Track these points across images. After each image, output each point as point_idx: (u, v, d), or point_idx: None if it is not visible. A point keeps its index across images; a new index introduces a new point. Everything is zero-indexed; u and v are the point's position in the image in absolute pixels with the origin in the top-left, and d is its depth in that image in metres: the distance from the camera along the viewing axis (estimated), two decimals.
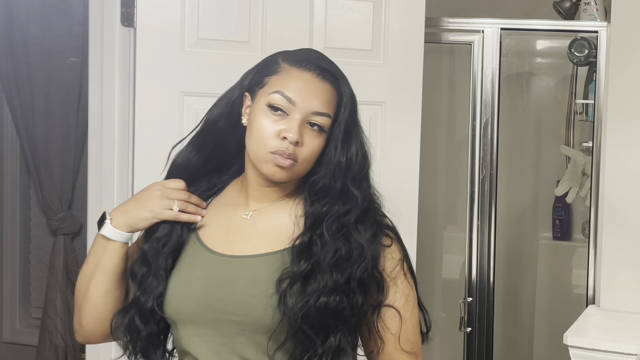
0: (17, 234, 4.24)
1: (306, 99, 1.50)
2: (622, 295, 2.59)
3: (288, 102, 1.50)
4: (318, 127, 1.50)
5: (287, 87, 1.51)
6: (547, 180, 3.52)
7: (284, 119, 1.50)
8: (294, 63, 1.54)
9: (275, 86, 1.52)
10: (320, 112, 1.50)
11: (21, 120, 3.92)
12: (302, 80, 1.52)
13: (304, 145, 1.50)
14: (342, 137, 1.52)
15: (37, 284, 4.18)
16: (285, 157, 1.49)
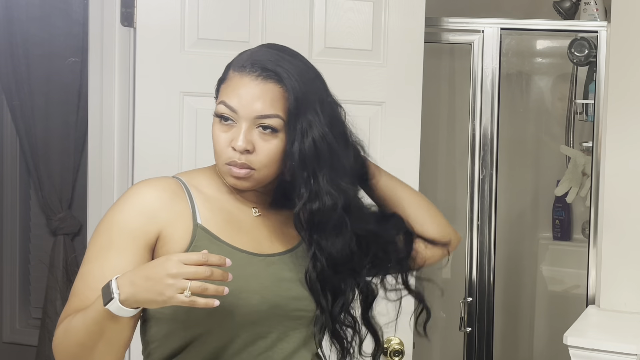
0: (17, 234, 4.24)
1: (247, 104, 1.46)
2: (622, 295, 2.59)
3: (231, 111, 1.47)
4: (270, 129, 1.47)
5: (229, 96, 1.48)
6: (547, 180, 3.52)
7: (233, 128, 1.47)
8: (237, 68, 1.49)
9: (222, 96, 1.50)
10: (265, 114, 1.46)
11: (21, 120, 3.91)
12: (241, 85, 1.47)
13: (258, 150, 1.47)
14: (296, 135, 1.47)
15: (37, 284, 4.18)
16: (238, 167, 1.47)
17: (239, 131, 1.46)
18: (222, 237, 1.50)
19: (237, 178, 1.48)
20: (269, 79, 1.47)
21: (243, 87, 1.47)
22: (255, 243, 1.54)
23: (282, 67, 1.49)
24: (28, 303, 4.27)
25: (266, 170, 1.49)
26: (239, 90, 1.47)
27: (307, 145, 1.46)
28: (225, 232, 1.52)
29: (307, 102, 1.48)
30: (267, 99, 1.46)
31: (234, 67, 1.51)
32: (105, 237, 1.47)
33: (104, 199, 2.48)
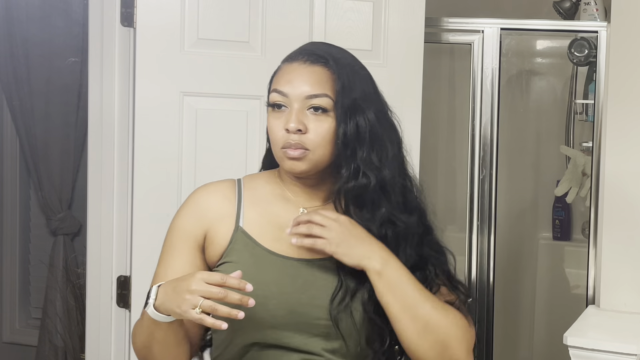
0: (17, 234, 4.24)
1: (297, 86, 1.51)
2: (622, 296, 2.59)
3: (283, 96, 1.52)
4: (321, 109, 1.50)
5: (280, 83, 1.53)
6: (547, 180, 3.52)
7: (285, 112, 1.51)
8: (287, 59, 1.57)
9: (273, 85, 1.55)
10: (315, 94, 1.50)
11: (21, 120, 3.91)
12: (291, 71, 1.53)
13: (310, 131, 1.50)
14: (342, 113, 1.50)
15: (37, 284, 4.18)
16: (293, 148, 1.50)
17: (291, 113, 1.50)
18: (260, 240, 1.54)
19: (292, 159, 1.51)
20: (316, 63, 1.53)
21: (292, 72, 1.53)
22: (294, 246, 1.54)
23: (328, 53, 1.55)
24: (28, 303, 4.27)
25: (320, 150, 1.51)
26: (289, 75, 1.53)
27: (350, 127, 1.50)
28: (266, 234, 1.55)
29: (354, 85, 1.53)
30: (315, 80, 1.51)
31: (283, 61, 1.58)
32: (168, 241, 1.60)
33: (104, 199, 2.48)
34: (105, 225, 2.47)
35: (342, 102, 1.50)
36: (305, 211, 1.56)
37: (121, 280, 2.45)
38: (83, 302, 3.22)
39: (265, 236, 1.55)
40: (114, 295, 2.46)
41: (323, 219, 1.49)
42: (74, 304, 3.89)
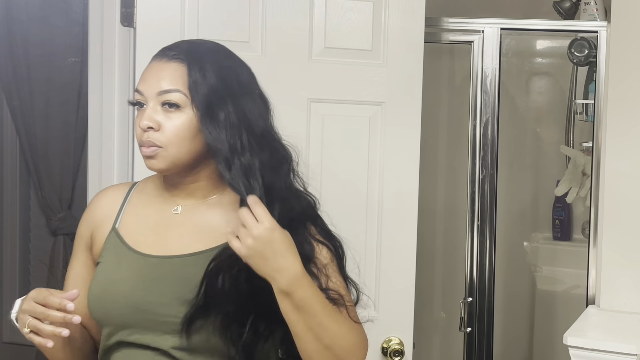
0: (17, 234, 4.24)
1: (151, 84, 1.50)
2: (622, 295, 2.59)
3: (140, 94, 1.51)
4: (175, 105, 1.48)
5: (139, 82, 1.53)
6: (547, 180, 3.52)
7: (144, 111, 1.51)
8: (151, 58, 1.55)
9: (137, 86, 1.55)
10: (166, 89, 1.49)
11: (21, 120, 3.91)
12: (148, 69, 1.53)
13: (163, 128, 1.48)
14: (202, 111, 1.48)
15: (37, 284, 4.18)
16: (146, 145, 1.49)
17: (145, 111, 1.50)
18: (127, 239, 1.56)
19: (148, 157, 1.51)
20: (172, 59, 1.51)
21: (149, 70, 1.53)
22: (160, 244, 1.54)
23: (189, 50, 1.52)
24: None
25: (174, 147, 1.49)
26: (146, 74, 1.53)
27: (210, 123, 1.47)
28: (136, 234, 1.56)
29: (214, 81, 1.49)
30: (168, 75, 1.50)
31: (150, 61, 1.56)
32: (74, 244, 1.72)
33: None
34: None
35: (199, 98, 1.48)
36: (181, 209, 1.56)
37: None
38: None
39: (134, 236, 1.56)
40: None
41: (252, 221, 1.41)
42: None
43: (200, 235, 1.53)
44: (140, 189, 1.63)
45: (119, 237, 1.57)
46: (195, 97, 1.48)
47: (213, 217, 1.54)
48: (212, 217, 1.54)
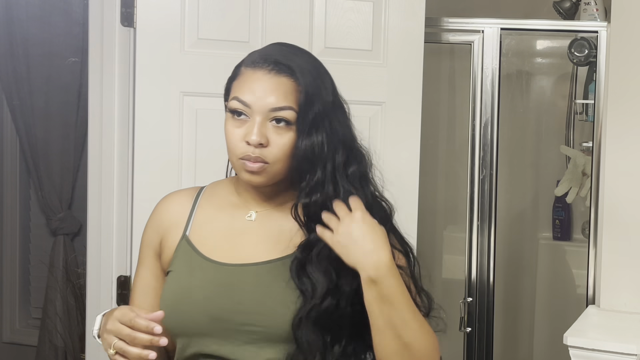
0: (17, 234, 4.24)
1: (261, 97, 1.46)
2: (622, 295, 2.59)
3: (244, 105, 1.47)
4: (284, 121, 1.46)
5: (242, 91, 1.48)
6: (547, 180, 3.52)
7: (246, 122, 1.47)
8: (250, 64, 1.50)
9: (234, 92, 1.50)
10: (279, 106, 1.46)
11: (21, 120, 3.92)
12: (255, 79, 1.48)
13: (272, 144, 1.46)
14: (307, 127, 1.46)
15: (37, 284, 4.18)
16: (252, 161, 1.46)
17: (253, 125, 1.46)
18: (200, 247, 1.54)
19: (251, 172, 1.47)
20: (281, 73, 1.47)
21: (256, 81, 1.48)
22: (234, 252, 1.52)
23: (294, 62, 1.49)
24: (28, 303, 4.27)
25: (280, 164, 1.48)
26: (252, 84, 1.48)
27: (314, 140, 1.46)
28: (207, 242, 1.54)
29: (318, 96, 1.48)
30: (280, 92, 1.46)
31: (245, 64, 1.52)
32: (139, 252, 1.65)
33: (104, 199, 2.48)
34: (105, 225, 2.47)
35: (305, 115, 1.46)
36: (255, 215, 1.55)
37: (121, 280, 2.45)
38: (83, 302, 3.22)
39: (206, 243, 1.54)
40: (114, 295, 2.46)
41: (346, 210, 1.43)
42: (74, 304, 3.89)
43: (275, 242, 1.52)
44: (210, 194, 1.60)
45: (190, 245, 1.54)
46: (302, 114, 1.46)
47: (287, 224, 1.53)
48: (286, 224, 1.53)
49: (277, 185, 1.54)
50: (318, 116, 1.47)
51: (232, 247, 1.53)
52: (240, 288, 1.48)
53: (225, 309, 1.47)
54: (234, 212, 1.56)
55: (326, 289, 1.45)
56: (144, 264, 1.62)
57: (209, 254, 1.53)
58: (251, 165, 1.46)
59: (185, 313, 1.49)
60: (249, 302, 1.47)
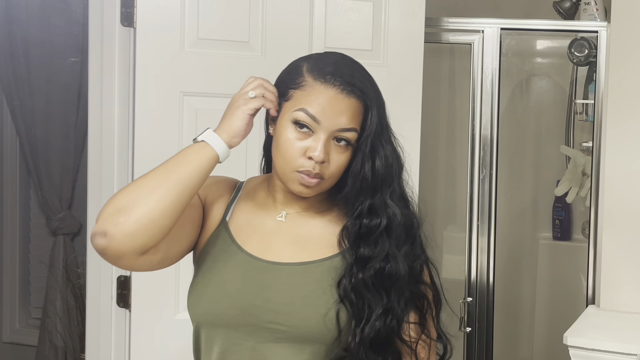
0: (17, 234, 4.24)
1: (331, 117, 1.47)
2: (622, 295, 2.59)
3: (313, 120, 1.47)
4: (345, 141, 1.49)
5: (312, 105, 1.48)
6: (547, 180, 3.52)
7: (310, 136, 1.48)
8: (319, 76, 1.50)
9: (300, 102, 1.49)
10: (347, 128, 1.48)
11: (21, 120, 3.92)
12: (326, 97, 1.48)
13: (331, 162, 1.49)
14: (369, 150, 1.49)
15: (37, 284, 4.18)
16: (311, 176, 1.48)
17: (318, 142, 1.47)
18: (236, 237, 1.55)
19: (306, 186, 1.49)
20: (352, 94, 1.49)
21: (327, 98, 1.48)
22: (266, 249, 1.54)
23: (363, 84, 1.52)
24: (28, 303, 4.27)
25: (332, 180, 1.51)
26: (322, 100, 1.48)
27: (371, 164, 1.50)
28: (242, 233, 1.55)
29: (379, 121, 1.51)
30: (349, 113, 1.48)
31: (312, 74, 1.51)
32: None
33: (104, 199, 2.47)
34: None
35: (368, 139, 1.49)
36: (285, 216, 1.56)
37: (121, 280, 2.45)
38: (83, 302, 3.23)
39: (241, 236, 1.55)
40: (114, 295, 2.46)
41: None
42: (74, 304, 3.89)
43: (303, 245, 1.54)
44: (249, 189, 1.62)
45: (228, 233, 1.56)
46: (364, 137, 1.49)
47: (316, 228, 1.55)
48: (315, 228, 1.56)
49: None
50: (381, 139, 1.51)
51: (265, 244, 1.55)
52: (271, 285, 1.50)
53: (255, 305, 1.48)
54: (268, 211, 1.58)
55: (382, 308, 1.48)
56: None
57: (245, 246, 1.54)
58: (309, 180, 1.48)
59: (216, 302, 1.49)
60: (279, 301, 1.48)
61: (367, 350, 1.46)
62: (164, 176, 1.44)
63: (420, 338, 1.52)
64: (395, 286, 1.48)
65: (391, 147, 1.53)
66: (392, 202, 1.51)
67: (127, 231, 1.39)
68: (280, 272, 1.51)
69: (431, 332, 1.55)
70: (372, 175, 1.49)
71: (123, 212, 1.40)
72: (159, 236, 1.42)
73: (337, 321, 1.47)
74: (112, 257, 1.42)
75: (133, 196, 1.42)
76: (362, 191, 1.50)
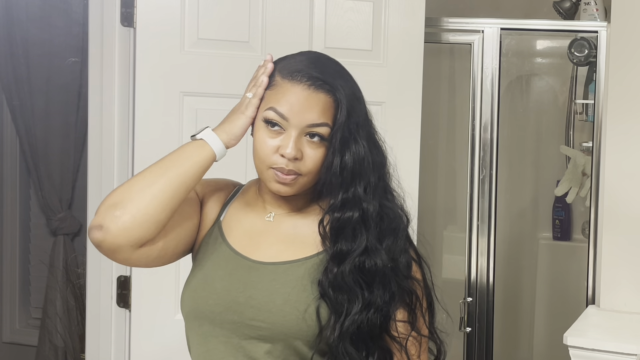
0: (17, 234, 4.24)
1: (299, 113, 1.49)
2: (622, 295, 2.59)
3: (282, 118, 1.49)
4: (318, 136, 1.49)
5: (280, 103, 1.50)
6: (547, 180, 3.52)
7: (281, 134, 1.49)
8: (286, 75, 1.52)
9: (270, 102, 1.51)
10: (317, 123, 1.49)
11: (21, 120, 3.92)
12: (293, 93, 1.50)
13: (306, 158, 1.49)
14: (339, 144, 1.49)
15: (37, 284, 4.18)
16: (285, 173, 1.49)
17: (289, 139, 1.48)
18: (228, 237, 1.58)
19: (282, 184, 1.50)
20: (320, 89, 1.50)
21: (294, 95, 1.49)
22: (253, 248, 1.56)
23: (332, 78, 1.51)
24: (28, 303, 4.27)
25: (310, 176, 1.51)
26: (290, 98, 1.49)
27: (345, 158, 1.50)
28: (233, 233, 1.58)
29: (353, 115, 1.51)
30: (318, 108, 1.49)
31: (281, 73, 1.53)
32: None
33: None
34: None
35: (340, 132, 1.49)
36: (273, 216, 1.58)
37: (121, 280, 2.45)
38: (83, 302, 3.23)
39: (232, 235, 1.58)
40: (114, 295, 2.46)
41: None
42: (74, 304, 3.89)
43: (290, 244, 1.56)
44: (244, 191, 1.65)
45: (220, 233, 1.58)
46: (337, 131, 1.50)
47: (303, 227, 1.57)
48: (302, 227, 1.57)
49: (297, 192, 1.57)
50: (352, 133, 1.50)
51: (253, 243, 1.57)
52: (255, 283, 1.51)
53: (238, 302, 1.50)
54: (257, 211, 1.60)
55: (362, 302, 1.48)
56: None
57: (234, 245, 1.57)
58: (284, 177, 1.49)
59: (202, 299, 1.52)
60: (260, 298, 1.50)
61: (347, 345, 1.46)
62: (161, 172, 1.48)
63: (410, 335, 1.52)
64: (377, 280, 1.49)
65: (368, 142, 1.52)
66: (366, 195, 1.51)
67: (123, 225, 1.44)
68: (265, 271, 1.52)
69: (421, 329, 1.55)
70: (341, 169, 1.49)
71: (119, 206, 1.46)
72: (154, 230, 1.46)
73: (317, 317, 1.48)
74: (108, 250, 1.47)
75: (130, 191, 1.48)
76: (334, 185, 1.50)
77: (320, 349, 1.50)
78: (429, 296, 1.59)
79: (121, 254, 1.46)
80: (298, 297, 1.49)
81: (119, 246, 1.45)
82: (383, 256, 1.50)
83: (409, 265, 1.54)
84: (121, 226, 1.44)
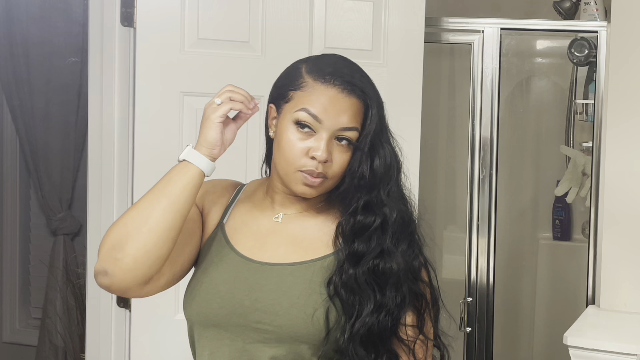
0: (17, 234, 4.24)
1: (333, 116, 1.48)
2: (622, 295, 2.59)
3: (314, 120, 1.48)
4: (347, 141, 1.49)
5: (313, 104, 1.49)
6: (547, 180, 3.52)
7: (312, 136, 1.49)
8: (319, 77, 1.50)
9: (301, 103, 1.50)
10: (348, 127, 1.49)
11: (21, 120, 3.92)
12: (327, 96, 1.49)
13: (334, 162, 1.49)
14: (368, 149, 1.50)
15: (37, 284, 4.18)
16: (314, 176, 1.48)
17: (320, 141, 1.48)
18: (231, 239, 1.56)
19: (310, 186, 1.50)
20: (352, 94, 1.50)
21: (327, 97, 1.49)
22: (259, 249, 1.54)
23: (363, 84, 1.52)
24: (28, 303, 4.27)
25: (336, 179, 1.52)
26: (323, 100, 1.49)
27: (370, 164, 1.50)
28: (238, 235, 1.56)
29: (379, 121, 1.52)
30: (350, 112, 1.49)
31: (312, 75, 1.51)
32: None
33: (104, 199, 2.48)
34: (105, 225, 2.47)
35: (368, 138, 1.50)
36: (281, 217, 1.57)
37: None
38: (83, 302, 3.23)
39: (236, 237, 1.56)
40: (114, 295, 2.46)
41: None
42: (74, 304, 3.89)
43: (298, 246, 1.54)
44: (248, 191, 1.63)
45: (223, 235, 1.57)
46: (366, 136, 1.50)
47: (312, 228, 1.56)
48: (311, 228, 1.56)
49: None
50: (380, 139, 1.52)
51: (259, 245, 1.55)
52: (261, 285, 1.50)
53: (244, 305, 1.49)
54: (265, 212, 1.58)
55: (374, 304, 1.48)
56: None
57: (238, 247, 1.55)
58: (313, 180, 1.49)
59: (206, 302, 1.51)
60: (267, 301, 1.48)
61: (357, 347, 1.46)
62: (153, 204, 1.45)
63: (418, 338, 1.52)
64: (390, 283, 1.49)
65: (390, 147, 1.54)
66: (388, 199, 1.51)
67: (126, 267, 1.42)
68: (271, 273, 1.51)
69: (429, 333, 1.55)
70: (370, 173, 1.50)
71: (118, 249, 1.42)
72: (157, 265, 1.45)
73: (325, 321, 1.47)
74: (118, 292, 1.49)
75: (125, 230, 1.43)
76: (359, 189, 1.50)
77: (325, 354, 1.49)
78: (435, 300, 1.59)
79: (132, 292, 1.46)
80: (306, 299, 1.47)
81: (127, 287, 1.44)
82: (399, 259, 1.50)
83: (420, 268, 1.55)
84: (125, 269, 1.42)
